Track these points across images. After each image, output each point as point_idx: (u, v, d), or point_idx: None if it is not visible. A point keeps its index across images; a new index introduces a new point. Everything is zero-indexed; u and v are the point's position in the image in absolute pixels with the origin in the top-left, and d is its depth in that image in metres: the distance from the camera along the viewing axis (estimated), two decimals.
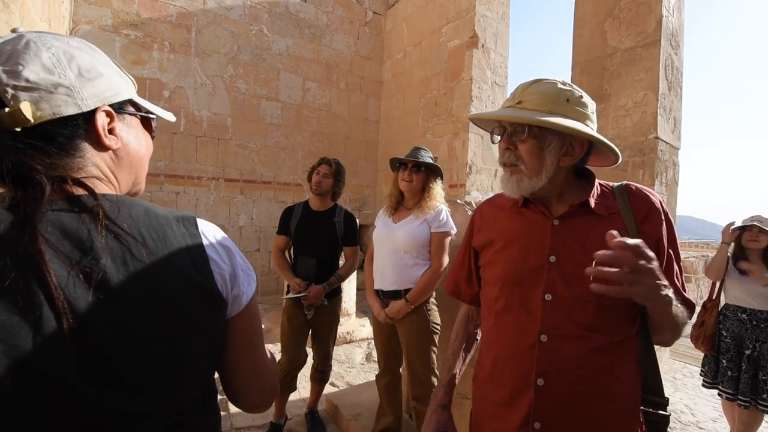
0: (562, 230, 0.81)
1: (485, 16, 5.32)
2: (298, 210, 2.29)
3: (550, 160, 0.78)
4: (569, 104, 0.77)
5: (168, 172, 5.18)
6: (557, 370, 0.76)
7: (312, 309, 2.18)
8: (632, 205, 0.81)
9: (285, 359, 2.18)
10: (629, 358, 0.78)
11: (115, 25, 4.77)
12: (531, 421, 0.76)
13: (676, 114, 3.52)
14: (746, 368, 2.20)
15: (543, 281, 0.79)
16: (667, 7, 3.29)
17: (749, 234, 2.27)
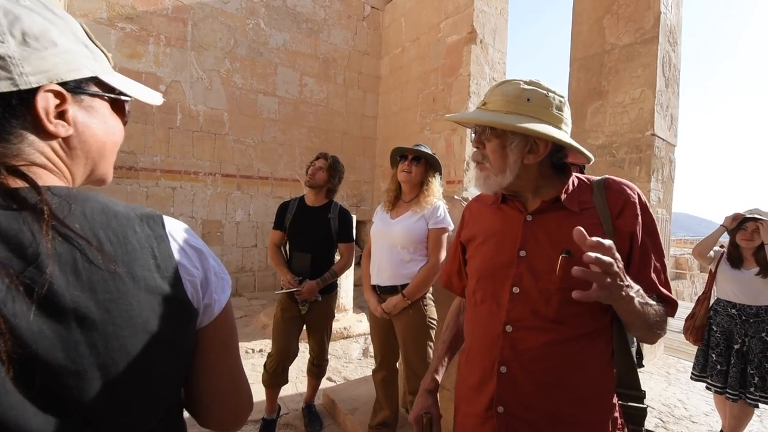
0: (533, 226, 0.84)
1: (484, 12, 5.30)
2: (293, 205, 2.28)
3: (512, 158, 0.80)
4: (530, 103, 0.78)
5: (164, 167, 5.15)
6: (518, 359, 0.80)
7: (306, 304, 2.18)
8: (608, 200, 0.81)
9: (275, 350, 2.18)
10: (598, 350, 0.79)
11: (110, 17, 4.72)
12: (495, 405, 0.81)
13: (673, 111, 3.53)
14: (735, 362, 2.23)
15: (512, 275, 0.83)
16: (666, 4, 3.29)
17: (743, 233, 2.29)
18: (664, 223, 3.51)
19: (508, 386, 0.81)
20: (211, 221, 5.51)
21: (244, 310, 4.82)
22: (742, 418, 2.26)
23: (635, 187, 0.84)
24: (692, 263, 9.71)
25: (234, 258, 5.67)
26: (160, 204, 5.13)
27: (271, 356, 2.19)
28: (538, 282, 0.80)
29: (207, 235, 5.48)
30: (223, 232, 5.62)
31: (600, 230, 0.78)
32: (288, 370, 2.24)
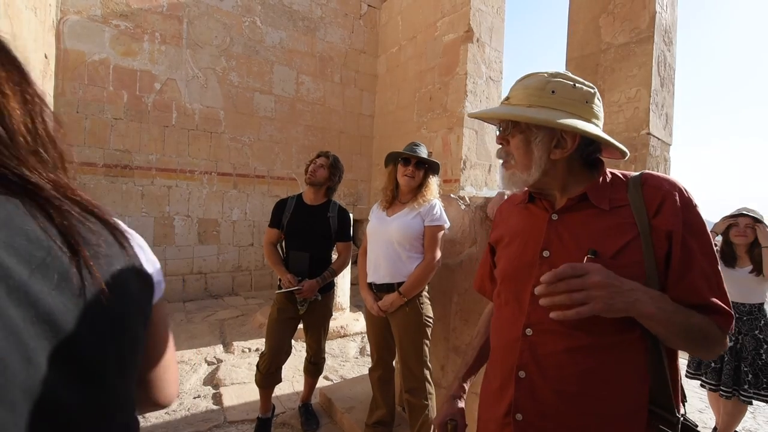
0: (558, 225, 0.79)
1: (480, 11, 5.30)
2: (291, 203, 2.25)
3: (538, 154, 0.76)
4: (554, 95, 0.74)
5: (160, 165, 5.12)
6: (537, 364, 0.76)
7: (305, 304, 2.16)
8: (645, 197, 0.73)
9: (267, 349, 2.16)
10: (627, 363, 0.72)
11: (105, 15, 4.68)
12: (513, 411, 0.78)
13: (668, 110, 3.55)
14: (728, 360, 2.25)
15: (534, 276, 0.78)
16: (661, 4, 3.31)
17: (737, 229, 2.31)
18: None
19: (526, 392, 0.77)
20: (207, 220, 5.49)
21: (241, 309, 4.81)
22: (735, 415, 2.28)
23: (678, 182, 0.75)
24: None
25: (230, 257, 5.64)
26: (156, 203, 5.10)
27: (263, 356, 2.17)
28: None
29: (203, 234, 5.46)
30: (220, 231, 5.60)
31: (633, 230, 0.72)
32: (281, 369, 2.22)
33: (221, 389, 2.75)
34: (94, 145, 4.70)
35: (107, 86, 4.73)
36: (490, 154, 5.54)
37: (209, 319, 4.37)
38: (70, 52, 4.50)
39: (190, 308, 4.83)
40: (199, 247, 5.44)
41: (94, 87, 4.66)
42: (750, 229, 2.27)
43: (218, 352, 3.43)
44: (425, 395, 1.79)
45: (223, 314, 4.57)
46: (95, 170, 4.72)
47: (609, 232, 0.73)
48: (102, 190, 4.76)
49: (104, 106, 4.72)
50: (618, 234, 0.72)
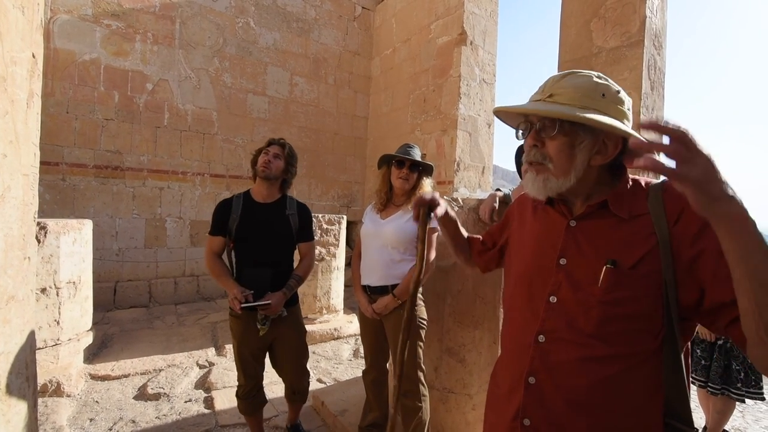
0: (576, 232, 0.77)
1: (474, 14, 5.33)
2: (237, 203, 1.84)
3: (580, 159, 0.73)
4: (605, 99, 0.72)
5: (151, 167, 5.07)
6: (548, 372, 0.75)
7: (267, 323, 1.76)
8: (666, 205, 0.70)
9: (244, 379, 1.88)
10: (643, 376, 0.69)
11: (96, 14, 4.63)
12: (521, 416, 0.77)
13: (659, 113, 3.60)
14: (717, 357, 2.28)
15: (551, 283, 0.77)
16: (651, 8, 3.36)
17: None
18: None
19: (536, 398, 0.76)
20: (199, 222, 5.44)
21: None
22: (725, 413, 2.31)
23: None
24: None
25: None
26: (147, 204, 5.05)
27: (241, 386, 1.90)
28: (577, 293, 0.73)
29: (195, 236, 5.41)
30: None
31: (652, 240, 0.69)
32: (263, 389, 1.98)
33: (213, 393, 2.72)
34: (84, 146, 4.64)
35: (98, 86, 4.68)
36: (483, 156, 5.57)
37: (201, 322, 4.32)
38: (60, 51, 4.45)
39: (182, 311, 4.78)
40: (191, 249, 5.39)
41: (84, 87, 4.60)
42: None
43: (210, 355, 3.39)
44: (419, 397, 1.78)
45: (216, 317, 4.52)
46: (85, 171, 4.65)
47: (628, 241, 0.71)
48: (92, 191, 4.70)
49: (95, 107, 4.67)
50: (637, 244, 0.70)
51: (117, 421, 2.36)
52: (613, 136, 0.72)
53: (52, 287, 2.66)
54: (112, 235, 4.82)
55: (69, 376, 2.65)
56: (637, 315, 0.68)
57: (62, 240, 2.71)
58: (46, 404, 2.42)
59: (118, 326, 4.03)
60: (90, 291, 3.04)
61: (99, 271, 4.54)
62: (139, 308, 4.78)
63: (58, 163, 4.49)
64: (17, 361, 1.08)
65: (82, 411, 2.46)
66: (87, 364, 3.04)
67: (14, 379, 1.07)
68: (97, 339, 3.40)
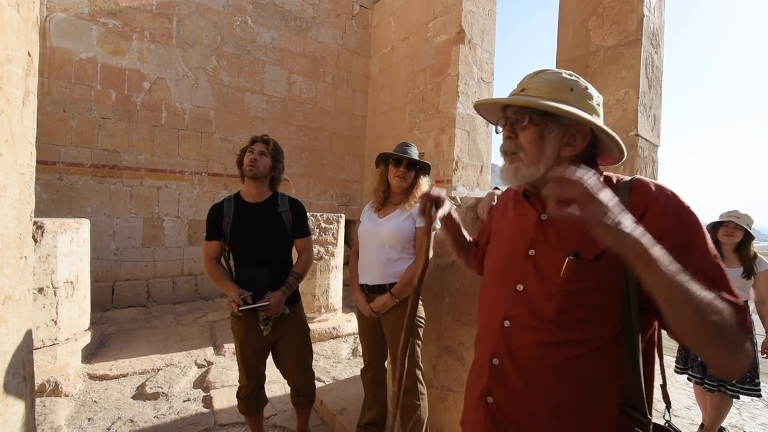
0: (545, 225, 0.81)
1: (472, 12, 5.33)
2: (229, 206, 1.83)
3: (549, 149, 0.77)
4: (573, 93, 0.76)
5: (149, 166, 5.05)
6: (510, 355, 0.80)
7: (269, 323, 1.75)
8: (632, 202, 0.73)
9: (246, 380, 1.88)
10: (600, 362, 0.72)
11: (92, 12, 4.60)
12: (485, 394, 0.84)
13: (656, 112, 3.61)
14: None
15: (519, 272, 0.82)
16: (649, 7, 3.36)
17: (725, 229, 2.35)
18: None
19: (498, 378, 0.82)
20: (197, 221, 5.43)
21: None
22: (721, 409, 2.32)
23: (667, 187, 0.74)
24: None
25: None
26: (145, 204, 5.03)
27: (243, 387, 1.90)
28: (541, 281, 0.78)
29: (193, 235, 5.40)
30: None
31: None
32: (264, 390, 1.98)
33: (212, 392, 2.72)
34: (82, 145, 4.62)
35: (95, 85, 4.66)
36: (481, 154, 5.57)
37: (200, 321, 4.32)
38: (57, 50, 4.42)
39: (180, 310, 4.77)
40: (189, 249, 5.38)
41: (81, 86, 4.58)
42: (738, 229, 2.31)
43: (209, 354, 3.39)
44: (417, 396, 1.79)
45: (214, 316, 4.52)
46: (83, 170, 4.64)
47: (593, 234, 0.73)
48: (90, 190, 4.68)
49: (92, 105, 4.65)
50: None
51: (115, 420, 2.36)
52: (581, 129, 0.76)
53: (49, 287, 2.66)
54: (109, 235, 4.81)
55: (67, 376, 2.64)
56: (596, 305, 0.72)
57: (59, 239, 2.70)
58: (44, 404, 2.42)
59: (116, 326, 4.02)
60: (88, 290, 3.03)
61: (97, 270, 4.53)
62: (137, 308, 4.77)
63: (55, 162, 4.47)
64: (14, 361, 1.08)
65: (80, 411, 2.45)
66: (85, 363, 3.03)
67: (11, 378, 1.06)
68: (95, 339, 3.39)
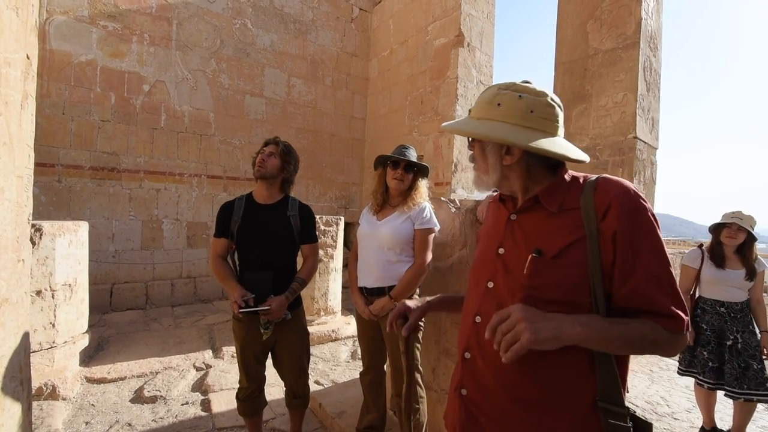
0: (514, 224, 0.86)
1: (471, 15, 5.35)
2: (239, 205, 1.85)
3: (492, 160, 0.84)
4: (500, 108, 0.80)
5: (148, 168, 5.05)
6: (479, 348, 0.84)
7: (270, 327, 1.75)
8: (596, 201, 0.75)
9: (246, 380, 1.88)
10: (568, 356, 0.73)
11: (92, 15, 4.61)
12: (460, 387, 0.88)
13: (654, 114, 3.62)
14: (729, 359, 2.26)
15: (490, 271, 0.87)
16: (646, 10, 3.38)
17: (728, 231, 2.33)
18: None
19: (470, 372, 0.86)
20: (196, 223, 5.42)
21: (231, 313, 4.74)
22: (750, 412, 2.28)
23: (630, 186, 0.76)
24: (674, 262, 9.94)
25: None
26: (144, 206, 5.03)
27: (243, 389, 1.90)
28: (508, 278, 0.82)
29: (192, 237, 5.39)
30: (209, 235, 5.53)
31: (579, 232, 0.74)
32: (264, 392, 1.97)
33: (210, 395, 2.71)
34: (81, 148, 4.62)
35: (94, 88, 4.66)
36: None
37: (198, 324, 4.31)
38: (56, 52, 4.43)
39: (179, 313, 4.76)
40: (188, 251, 5.37)
41: (80, 88, 4.58)
42: (741, 231, 2.30)
43: (207, 357, 3.38)
44: (416, 399, 1.78)
45: (213, 319, 4.51)
46: (81, 173, 4.63)
47: (556, 233, 0.78)
48: (89, 193, 4.67)
49: (91, 108, 4.65)
50: (563, 235, 0.76)
51: (113, 424, 2.35)
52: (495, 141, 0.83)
53: (47, 289, 2.65)
54: (108, 237, 4.80)
55: (64, 379, 2.63)
56: (558, 300, 0.74)
57: (58, 242, 2.69)
58: (42, 408, 2.41)
59: (114, 329, 4.01)
60: (86, 293, 3.02)
61: (95, 273, 4.52)
62: (136, 310, 4.75)
63: (54, 165, 4.47)
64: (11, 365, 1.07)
65: (77, 414, 2.44)
66: (83, 366, 3.02)
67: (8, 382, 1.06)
68: (93, 342, 3.38)
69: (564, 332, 0.67)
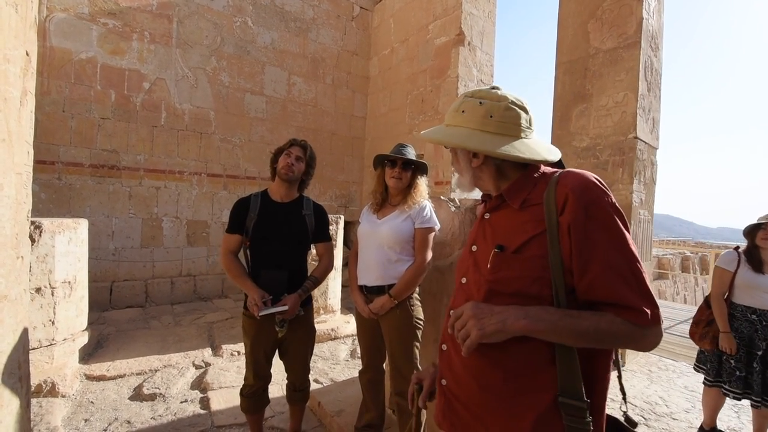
0: (486, 222, 0.90)
1: (472, 14, 5.34)
2: (255, 202, 1.85)
3: (463, 163, 0.89)
4: (464, 115, 0.84)
5: (148, 166, 5.05)
6: (452, 340, 0.88)
7: (285, 324, 1.78)
8: (557, 195, 0.76)
9: (252, 377, 1.89)
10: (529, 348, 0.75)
11: (92, 13, 4.61)
12: (440, 377, 0.92)
13: (655, 114, 3.61)
14: (759, 369, 2.17)
15: (465, 267, 0.90)
16: (648, 10, 3.37)
17: (764, 232, 2.22)
18: (646, 224, 3.59)
19: (446, 363, 0.90)
20: (196, 222, 5.42)
21: (230, 311, 4.75)
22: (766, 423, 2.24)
23: (590, 178, 0.76)
24: (674, 263, 9.95)
25: (220, 259, 5.58)
26: (144, 204, 5.03)
27: (248, 386, 1.91)
28: (476, 273, 0.85)
29: (192, 235, 5.39)
30: (209, 233, 5.54)
31: (539, 227, 0.76)
32: (267, 390, 1.99)
33: (209, 393, 2.71)
34: (81, 145, 4.62)
35: (94, 85, 4.66)
36: None
37: (198, 322, 4.31)
38: (57, 50, 4.43)
39: (179, 311, 4.76)
40: (188, 249, 5.37)
41: (80, 86, 4.58)
42: None
43: (206, 355, 3.38)
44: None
45: (212, 317, 4.51)
46: (81, 170, 4.63)
47: (518, 228, 0.81)
48: (88, 190, 4.67)
49: (91, 106, 4.65)
50: (525, 230, 0.79)
51: (112, 421, 2.35)
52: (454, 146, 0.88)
53: (47, 287, 2.65)
54: (108, 235, 4.80)
55: (64, 377, 2.63)
56: (519, 293, 0.76)
57: (57, 239, 2.69)
58: (41, 405, 2.41)
59: (113, 326, 4.01)
60: (85, 291, 3.02)
61: (95, 270, 4.52)
62: (136, 308, 4.76)
63: (54, 162, 4.47)
64: (10, 361, 1.07)
65: (77, 411, 2.44)
66: (82, 364, 3.02)
67: (7, 379, 1.06)
68: (92, 339, 3.38)
69: (508, 325, 0.71)
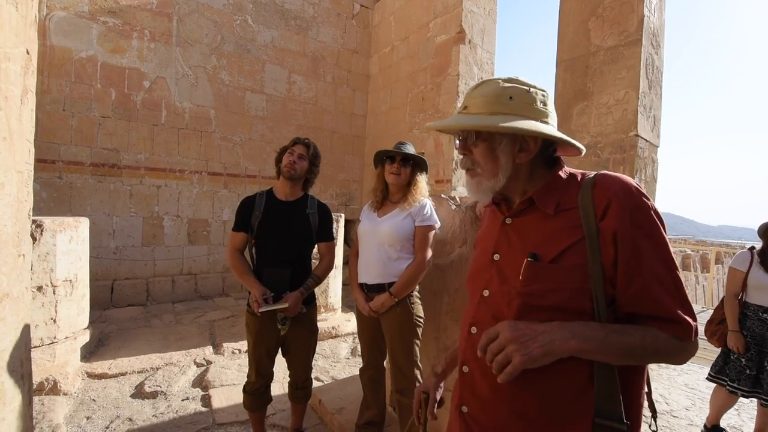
0: (509, 229, 0.81)
1: (472, 12, 5.32)
2: (260, 200, 1.88)
3: (504, 160, 0.77)
4: (513, 101, 0.74)
5: (148, 164, 5.05)
6: (476, 360, 0.78)
7: (287, 322, 1.80)
8: (594, 200, 0.70)
9: (254, 375, 1.91)
10: (567, 368, 0.68)
11: (92, 11, 4.60)
12: (460, 404, 0.83)
13: (656, 112, 3.60)
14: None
15: (485, 278, 0.81)
16: (649, 7, 3.36)
17: None
18: None
19: (468, 387, 0.81)
20: (197, 220, 5.43)
21: (231, 310, 4.76)
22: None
23: (631, 183, 0.71)
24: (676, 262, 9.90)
25: (221, 257, 5.59)
26: (145, 203, 5.03)
27: (250, 383, 1.93)
28: (503, 286, 0.77)
29: (193, 234, 5.40)
30: (210, 232, 5.54)
31: (578, 233, 0.70)
32: (270, 388, 2.00)
33: (210, 391, 2.72)
34: (81, 144, 4.62)
35: (95, 84, 4.65)
36: None
37: (199, 320, 4.32)
38: (57, 48, 4.42)
39: (180, 309, 4.77)
40: (188, 248, 5.38)
41: (81, 84, 4.58)
42: None
43: (208, 353, 3.39)
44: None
45: (213, 315, 4.52)
46: (82, 169, 4.64)
47: (553, 235, 0.73)
48: (89, 189, 4.68)
49: (91, 104, 4.65)
50: (561, 237, 0.71)
51: (114, 419, 2.36)
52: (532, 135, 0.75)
53: (48, 285, 2.65)
54: (109, 233, 4.81)
55: (66, 375, 2.64)
56: (557, 306, 0.69)
57: (59, 238, 2.70)
58: (43, 402, 2.42)
59: (115, 324, 4.02)
60: (87, 289, 3.03)
61: (96, 269, 4.53)
62: (137, 307, 4.77)
63: (55, 161, 4.47)
64: (12, 359, 1.08)
65: (78, 409, 2.45)
66: (84, 362, 3.03)
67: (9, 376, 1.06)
68: (94, 337, 3.39)
69: (555, 348, 0.64)
